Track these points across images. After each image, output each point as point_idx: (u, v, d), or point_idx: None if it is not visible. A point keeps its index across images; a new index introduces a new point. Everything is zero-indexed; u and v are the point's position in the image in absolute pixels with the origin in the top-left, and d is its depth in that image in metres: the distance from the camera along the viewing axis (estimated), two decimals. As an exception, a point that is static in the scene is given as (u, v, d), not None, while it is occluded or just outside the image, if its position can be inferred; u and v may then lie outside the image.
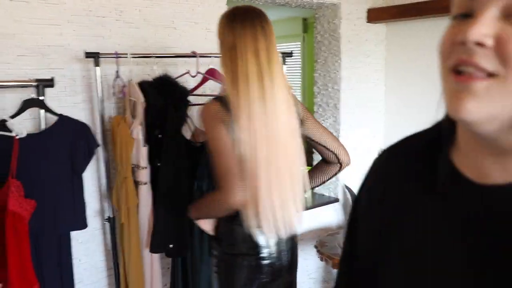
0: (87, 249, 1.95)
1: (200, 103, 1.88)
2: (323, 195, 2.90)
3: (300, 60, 5.05)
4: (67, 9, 1.79)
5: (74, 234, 1.77)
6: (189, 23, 2.13)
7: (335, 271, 2.59)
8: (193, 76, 1.90)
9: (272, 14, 1.62)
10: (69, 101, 1.84)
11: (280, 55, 1.84)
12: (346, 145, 1.63)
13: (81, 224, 1.63)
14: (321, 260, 2.49)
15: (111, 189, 1.83)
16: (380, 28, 2.86)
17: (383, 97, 2.96)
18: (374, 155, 0.67)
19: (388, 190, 0.59)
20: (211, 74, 1.89)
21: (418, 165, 0.57)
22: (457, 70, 0.44)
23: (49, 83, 1.60)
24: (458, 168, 0.52)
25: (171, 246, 1.71)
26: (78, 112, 1.84)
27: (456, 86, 0.44)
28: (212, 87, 2.09)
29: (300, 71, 5.07)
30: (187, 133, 1.89)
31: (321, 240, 2.58)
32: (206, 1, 2.17)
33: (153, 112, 1.70)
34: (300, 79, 5.09)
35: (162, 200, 1.71)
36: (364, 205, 0.64)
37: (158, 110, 1.70)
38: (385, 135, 2.98)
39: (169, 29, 2.08)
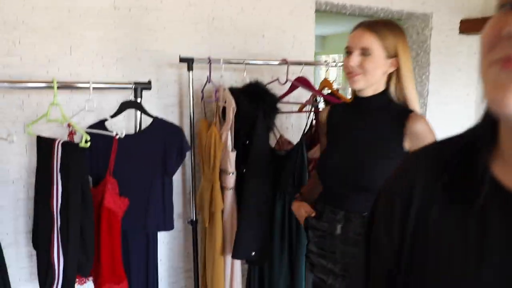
0: (168, 250, 1.99)
1: (287, 111, 1.85)
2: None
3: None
4: (163, 16, 1.86)
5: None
6: (278, 31, 2.12)
7: None
8: (283, 84, 1.89)
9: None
10: (160, 104, 1.90)
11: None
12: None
13: (169, 225, 1.65)
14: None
15: (196, 192, 1.85)
16: (474, 40, 2.69)
17: (474, 113, 2.77)
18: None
19: (416, 196, 0.53)
20: (301, 82, 1.86)
21: (450, 172, 0.51)
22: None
23: (147, 86, 1.65)
24: (499, 179, 0.46)
25: (253, 254, 1.69)
26: (168, 115, 1.89)
27: (501, 75, 0.41)
28: (297, 95, 2.06)
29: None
30: (272, 141, 1.87)
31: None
32: (295, 11, 2.16)
33: (242, 118, 1.70)
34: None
35: (246, 207, 1.70)
36: (386, 205, 0.57)
37: (248, 117, 1.70)
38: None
39: (258, 37, 2.09)
